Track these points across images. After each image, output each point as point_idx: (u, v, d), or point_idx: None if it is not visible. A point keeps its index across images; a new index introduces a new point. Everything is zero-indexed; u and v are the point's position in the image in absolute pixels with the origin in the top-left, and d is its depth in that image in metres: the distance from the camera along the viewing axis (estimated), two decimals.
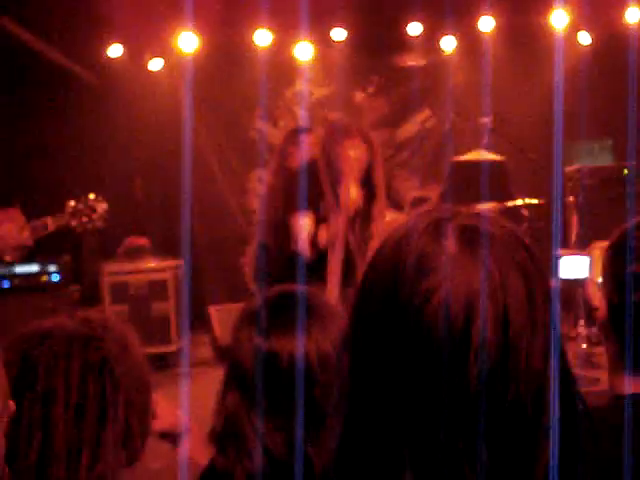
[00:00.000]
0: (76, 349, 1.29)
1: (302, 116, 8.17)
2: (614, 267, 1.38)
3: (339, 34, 7.68)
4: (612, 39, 7.56)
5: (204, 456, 1.58)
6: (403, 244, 0.83)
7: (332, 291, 3.65)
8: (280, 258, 3.81)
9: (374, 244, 3.78)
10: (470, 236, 0.82)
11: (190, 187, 5.25)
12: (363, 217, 3.82)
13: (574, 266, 4.30)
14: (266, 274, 3.84)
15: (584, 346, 4.64)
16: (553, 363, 0.81)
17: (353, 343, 0.86)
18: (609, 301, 1.38)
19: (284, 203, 3.87)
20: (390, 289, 0.82)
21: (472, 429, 0.78)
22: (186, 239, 5.88)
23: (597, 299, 1.37)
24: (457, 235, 0.82)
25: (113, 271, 6.68)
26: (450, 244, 0.82)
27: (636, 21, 7.48)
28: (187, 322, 6.39)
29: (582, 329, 4.71)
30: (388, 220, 4.02)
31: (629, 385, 1.32)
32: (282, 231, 3.82)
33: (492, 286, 0.79)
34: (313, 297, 1.52)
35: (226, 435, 1.49)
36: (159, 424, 1.63)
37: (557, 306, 0.85)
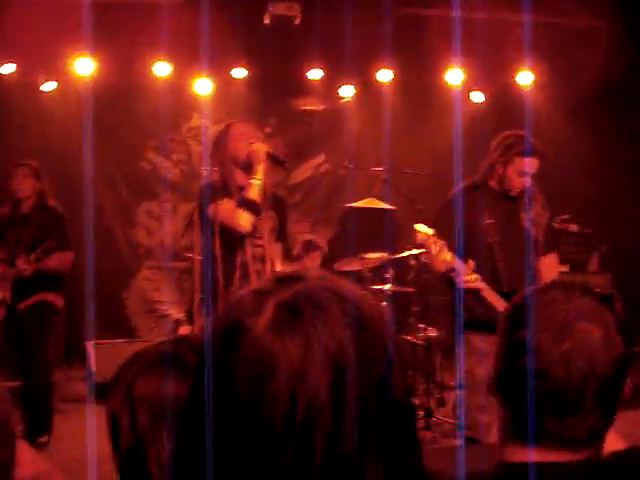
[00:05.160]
0: None
1: (197, 151, 8.09)
2: (505, 334, 1.37)
3: (240, 72, 7.67)
4: (504, 99, 7.85)
5: None
6: (227, 312, 0.86)
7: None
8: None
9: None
10: (285, 315, 0.82)
11: (90, 217, 5.17)
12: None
13: None
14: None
15: None
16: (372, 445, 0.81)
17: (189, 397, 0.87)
18: (496, 368, 1.37)
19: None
20: (213, 355, 0.84)
21: None
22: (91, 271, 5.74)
23: None
24: (273, 312, 0.82)
25: None
26: (262, 322, 0.82)
27: (528, 83, 7.80)
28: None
29: None
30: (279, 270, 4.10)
31: (519, 454, 1.31)
32: None
33: (288, 370, 0.79)
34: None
35: None
36: (22, 472, 1.54)
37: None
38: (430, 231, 3.92)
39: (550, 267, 4.41)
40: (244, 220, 3.89)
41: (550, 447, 1.30)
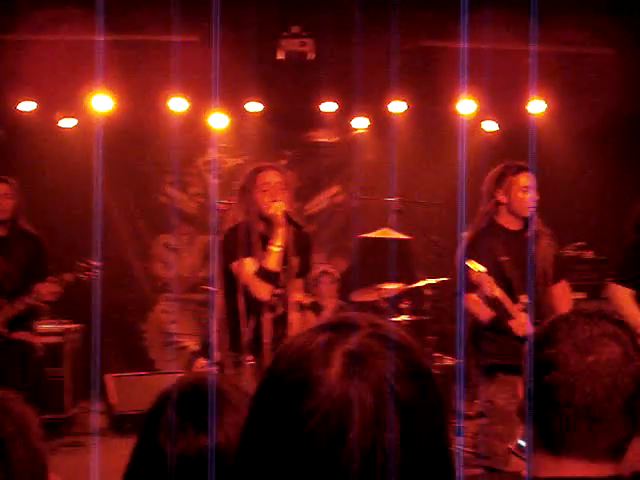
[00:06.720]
0: None
1: (213, 184, 8.18)
2: (532, 353, 1.45)
3: (254, 106, 7.77)
4: (517, 128, 7.89)
5: None
6: (295, 363, 0.89)
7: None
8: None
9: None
10: (354, 365, 0.87)
11: (99, 250, 5.19)
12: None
13: None
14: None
15: None
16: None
17: (246, 442, 0.91)
18: (525, 386, 1.45)
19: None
20: (279, 404, 0.88)
21: None
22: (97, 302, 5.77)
23: None
24: (342, 363, 0.87)
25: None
26: (333, 372, 0.86)
27: (539, 112, 7.84)
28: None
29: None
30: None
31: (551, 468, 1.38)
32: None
33: (365, 417, 0.83)
34: (223, 383, 1.48)
35: None
36: None
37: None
38: (482, 268, 4.01)
39: (562, 295, 4.47)
40: (264, 291, 4.03)
41: (578, 459, 1.37)
